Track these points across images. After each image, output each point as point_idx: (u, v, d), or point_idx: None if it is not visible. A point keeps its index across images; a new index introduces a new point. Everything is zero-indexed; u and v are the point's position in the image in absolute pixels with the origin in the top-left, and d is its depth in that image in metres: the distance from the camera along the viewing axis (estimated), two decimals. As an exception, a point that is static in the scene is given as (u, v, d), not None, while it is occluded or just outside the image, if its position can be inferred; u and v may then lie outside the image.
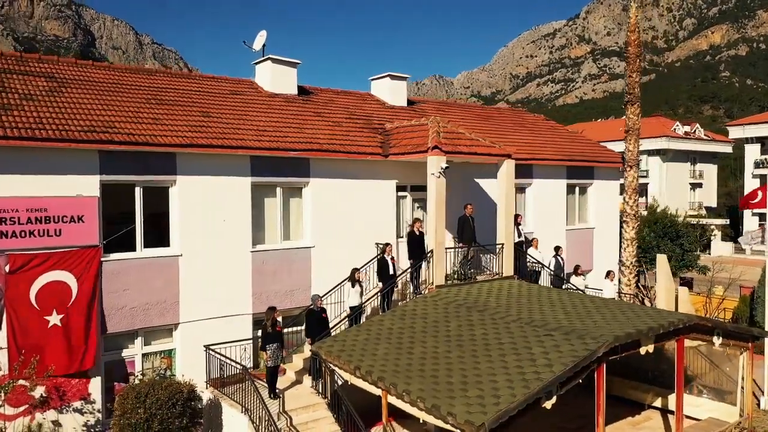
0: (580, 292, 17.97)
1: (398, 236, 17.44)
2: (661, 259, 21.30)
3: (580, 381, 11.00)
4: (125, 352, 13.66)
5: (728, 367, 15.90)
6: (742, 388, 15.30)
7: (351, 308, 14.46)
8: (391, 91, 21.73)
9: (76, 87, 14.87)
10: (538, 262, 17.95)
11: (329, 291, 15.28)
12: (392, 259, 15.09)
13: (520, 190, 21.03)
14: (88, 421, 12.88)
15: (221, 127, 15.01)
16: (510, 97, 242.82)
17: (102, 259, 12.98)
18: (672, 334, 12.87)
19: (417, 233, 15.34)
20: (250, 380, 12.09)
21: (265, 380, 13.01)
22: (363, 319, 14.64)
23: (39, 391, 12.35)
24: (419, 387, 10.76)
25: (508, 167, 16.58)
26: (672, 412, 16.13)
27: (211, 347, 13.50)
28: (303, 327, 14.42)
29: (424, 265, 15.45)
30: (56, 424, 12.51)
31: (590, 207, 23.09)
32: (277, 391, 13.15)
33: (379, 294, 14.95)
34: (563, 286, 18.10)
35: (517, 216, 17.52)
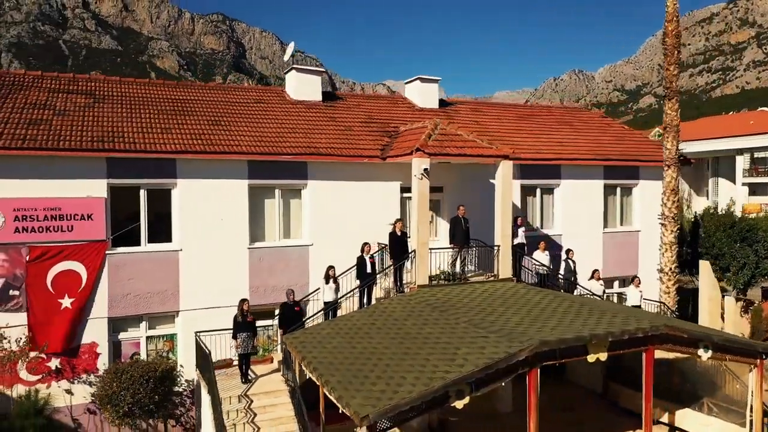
0: (595, 297, 17.36)
1: (403, 236, 17.92)
2: (704, 266, 19.76)
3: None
4: (131, 334, 15.58)
5: (738, 384, 14.72)
6: (752, 408, 14.07)
7: (325, 303, 15.27)
8: (421, 94, 22.15)
9: (110, 102, 17.14)
10: (544, 265, 17.52)
11: (318, 288, 16.22)
12: (371, 258, 15.66)
13: (548, 191, 20.54)
14: (96, 392, 14.88)
15: (222, 134, 16.51)
16: (658, 90, 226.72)
17: (109, 252, 14.98)
18: (627, 343, 12.23)
19: (398, 233, 15.77)
20: (211, 367, 13.38)
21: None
22: (339, 314, 15.38)
23: (55, 363, 14.60)
24: (339, 379, 11.36)
25: (504, 168, 16.43)
26: (680, 429, 15.23)
27: (201, 333, 14.98)
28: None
29: (408, 264, 15.85)
30: (69, 392, 14.66)
31: (636, 209, 21.85)
32: (249, 376, 14.38)
33: (358, 291, 15.60)
34: (576, 291, 17.53)
35: (517, 218, 17.27)
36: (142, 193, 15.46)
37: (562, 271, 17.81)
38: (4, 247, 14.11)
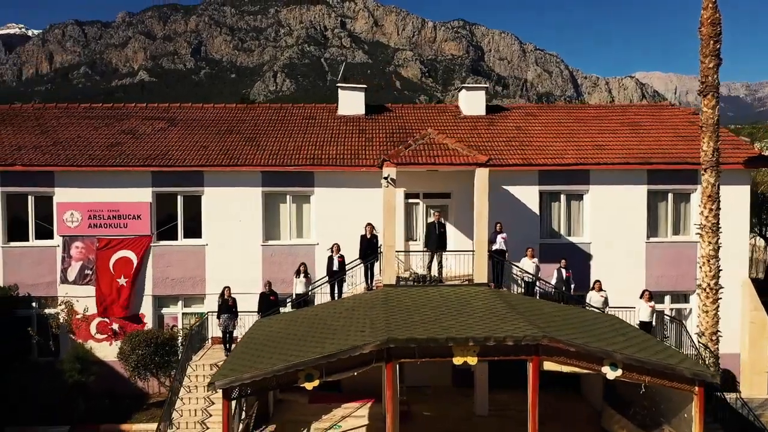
0: (593, 309, 16.69)
1: (407, 239, 19.23)
2: (746, 285, 17.28)
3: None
4: (171, 310, 19.68)
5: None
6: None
7: (297, 295, 17.46)
8: (467, 102, 22.79)
9: (180, 126, 21.55)
10: (528, 273, 17.26)
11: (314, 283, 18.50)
12: (340, 258, 17.36)
13: (577, 197, 19.75)
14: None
15: (246, 149, 19.71)
16: None
17: (153, 244, 19.24)
18: (498, 350, 12.36)
19: (368, 236, 17.22)
20: (188, 339, 16.65)
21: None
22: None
23: (114, 327, 19.30)
24: (243, 356, 13.62)
25: (480, 175, 16.76)
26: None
27: (212, 313, 18.35)
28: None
29: (378, 265, 17.24)
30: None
31: (695, 217, 19.63)
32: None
33: (329, 287, 17.49)
34: (570, 302, 16.99)
35: (497, 224, 17.35)
36: (179, 199, 19.41)
37: (553, 281, 17.35)
38: (82, 238, 19.17)
